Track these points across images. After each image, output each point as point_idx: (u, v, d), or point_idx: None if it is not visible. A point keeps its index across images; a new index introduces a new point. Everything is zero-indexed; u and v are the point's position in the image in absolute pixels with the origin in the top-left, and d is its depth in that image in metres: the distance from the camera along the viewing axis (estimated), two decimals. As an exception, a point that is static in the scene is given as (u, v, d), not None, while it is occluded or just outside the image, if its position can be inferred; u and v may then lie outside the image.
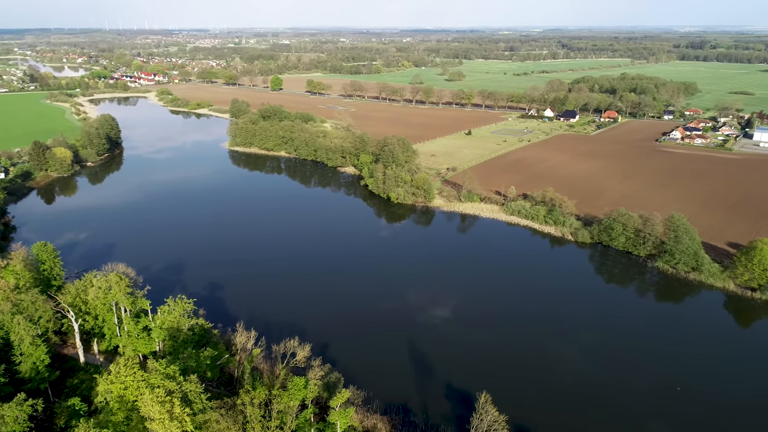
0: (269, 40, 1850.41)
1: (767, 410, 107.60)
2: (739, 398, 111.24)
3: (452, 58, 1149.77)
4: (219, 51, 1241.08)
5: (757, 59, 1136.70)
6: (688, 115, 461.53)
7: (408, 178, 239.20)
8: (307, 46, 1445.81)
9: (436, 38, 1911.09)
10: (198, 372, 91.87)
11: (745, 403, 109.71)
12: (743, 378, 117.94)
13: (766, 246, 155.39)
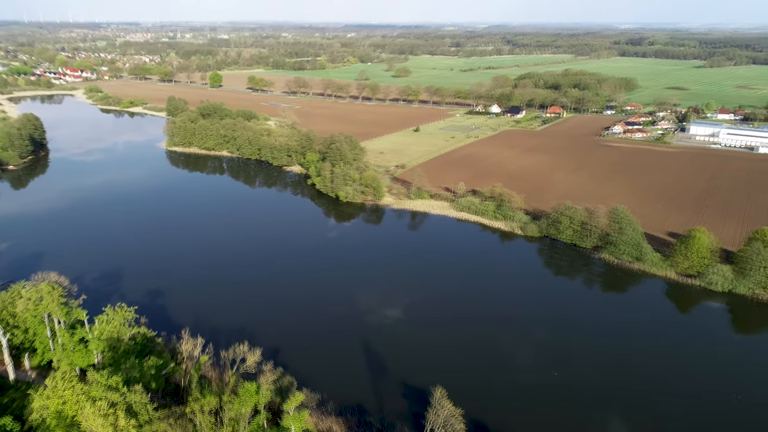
0: (207, 34, 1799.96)
1: (708, 389, 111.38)
2: (683, 379, 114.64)
3: (398, 54, 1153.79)
4: (152, 46, 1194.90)
5: (691, 56, 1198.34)
6: (629, 110, 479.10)
7: (356, 176, 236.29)
8: (247, 41, 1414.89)
9: (382, 33, 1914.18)
10: (142, 382, 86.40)
11: (689, 383, 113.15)
12: (686, 361, 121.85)
13: (703, 235, 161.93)
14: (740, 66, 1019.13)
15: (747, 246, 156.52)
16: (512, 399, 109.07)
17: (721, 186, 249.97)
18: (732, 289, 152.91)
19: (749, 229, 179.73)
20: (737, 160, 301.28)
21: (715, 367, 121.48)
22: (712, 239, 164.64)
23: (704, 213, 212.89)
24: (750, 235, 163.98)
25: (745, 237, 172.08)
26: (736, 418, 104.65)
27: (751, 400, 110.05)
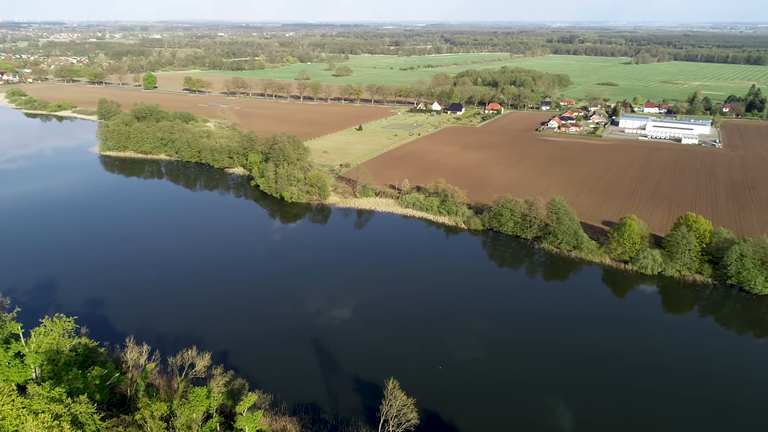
0: (137, 34, 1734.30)
1: (645, 367, 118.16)
2: (619, 361, 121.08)
3: (338, 53, 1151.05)
4: (79, 46, 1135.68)
5: (619, 53, 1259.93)
6: (563, 105, 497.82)
7: (301, 176, 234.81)
8: (181, 41, 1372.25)
9: (321, 33, 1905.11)
10: (86, 394, 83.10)
11: (625, 364, 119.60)
12: (623, 341, 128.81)
13: (634, 222, 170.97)
14: (663, 62, 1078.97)
15: (674, 231, 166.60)
16: (460, 388, 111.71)
17: (650, 175, 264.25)
18: (662, 271, 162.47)
19: (676, 215, 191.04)
20: (664, 151, 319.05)
21: (649, 346, 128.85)
22: (642, 226, 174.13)
23: (635, 201, 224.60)
24: (676, 221, 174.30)
25: (672, 222, 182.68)
26: (668, 390, 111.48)
27: (678, 373, 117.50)
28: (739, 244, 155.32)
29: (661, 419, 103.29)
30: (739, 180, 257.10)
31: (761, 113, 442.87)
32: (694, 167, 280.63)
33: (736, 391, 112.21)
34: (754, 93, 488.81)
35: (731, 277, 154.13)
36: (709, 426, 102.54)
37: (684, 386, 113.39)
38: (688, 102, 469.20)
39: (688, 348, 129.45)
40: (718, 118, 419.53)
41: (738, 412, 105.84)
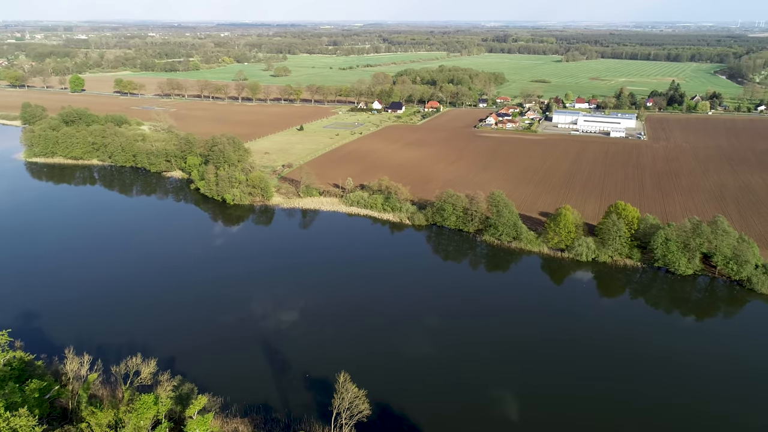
0: (61, 35, 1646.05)
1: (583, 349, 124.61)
2: (561, 344, 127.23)
3: (276, 53, 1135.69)
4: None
5: (551, 51, 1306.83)
6: (500, 102, 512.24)
7: (243, 177, 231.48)
8: (109, 41, 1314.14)
9: (257, 32, 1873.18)
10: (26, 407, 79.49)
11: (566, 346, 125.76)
12: (561, 327, 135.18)
13: (569, 212, 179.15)
14: (592, 60, 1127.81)
15: (605, 219, 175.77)
16: (410, 381, 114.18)
17: (582, 168, 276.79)
18: (595, 257, 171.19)
19: (607, 204, 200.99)
20: (594, 144, 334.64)
21: (585, 327, 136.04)
22: (576, 215, 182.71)
23: (569, 192, 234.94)
24: (607, 209, 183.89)
25: (603, 211, 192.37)
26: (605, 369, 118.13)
27: (615, 352, 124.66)
28: (664, 229, 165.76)
29: (600, 394, 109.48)
30: (663, 169, 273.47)
31: (681, 107, 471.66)
32: (622, 159, 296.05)
33: (666, 364, 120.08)
34: (674, 88, 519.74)
35: (658, 260, 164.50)
36: (643, 395, 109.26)
37: (619, 364, 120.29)
38: (615, 97, 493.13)
39: (622, 328, 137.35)
40: (643, 112, 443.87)
41: (666, 381, 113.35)
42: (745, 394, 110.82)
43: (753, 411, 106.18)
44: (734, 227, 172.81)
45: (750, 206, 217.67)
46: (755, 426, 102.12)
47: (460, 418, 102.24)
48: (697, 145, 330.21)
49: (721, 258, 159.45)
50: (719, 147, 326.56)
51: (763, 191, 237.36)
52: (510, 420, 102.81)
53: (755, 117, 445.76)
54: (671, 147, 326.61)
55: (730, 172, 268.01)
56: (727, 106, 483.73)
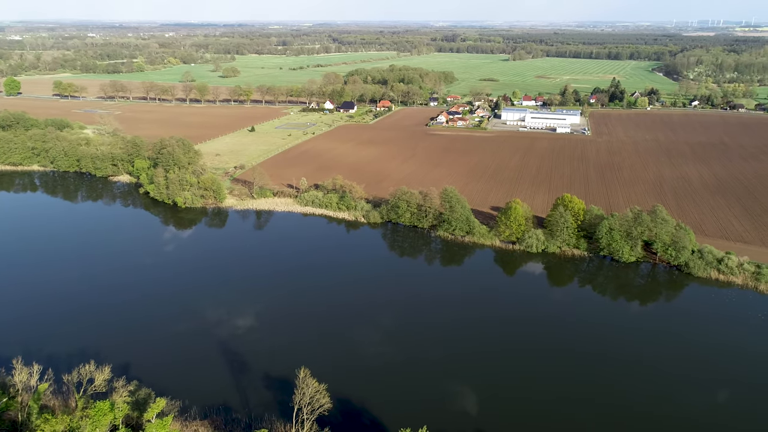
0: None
1: (537, 336, 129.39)
2: (516, 334, 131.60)
3: (224, 54, 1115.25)
4: None
5: (498, 50, 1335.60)
6: (450, 100, 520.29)
7: (194, 180, 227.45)
8: (46, 42, 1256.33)
9: (203, 33, 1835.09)
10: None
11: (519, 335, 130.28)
12: (516, 316, 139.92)
13: (518, 205, 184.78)
14: (537, 58, 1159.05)
15: (553, 211, 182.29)
16: (368, 373, 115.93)
17: (530, 163, 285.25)
18: (545, 249, 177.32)
19: (554, 197, 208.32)
20: (542, 140, 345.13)
21: (538, 316, 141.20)
22: (526, 209, 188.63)
23: (519, 187, 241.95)
24: (555, 202, 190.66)
25: (551, 204, 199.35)
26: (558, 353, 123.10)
27: (560, 336, 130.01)
28: (608, 219, 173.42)
29: (550, 375, 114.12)
30: (606, 163, 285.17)
31: (621, 103, 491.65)
32: (568, 153, 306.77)
33: (614, 347, 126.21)
34: (615, 85, 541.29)
35: (603, 249, 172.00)
36: (589, 376, 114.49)
37: (571, 348, 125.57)
38: (561, 94, 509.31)
39: (572, 316, 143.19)
40: (586, 109, 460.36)
41: (612, 363, 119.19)
42: (686, 370, 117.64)
43: (693, 384, 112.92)
44: (672, 216, 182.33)
45: (686, 196, 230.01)
46: (696, 398, 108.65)
47: (418, 408, 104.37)
48: (637, 139, 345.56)
49: (660, 245, 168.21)
50: (657, 141, 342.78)
51: (697, 181, 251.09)
52: (466, 408, 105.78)
53: (690, 111, 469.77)
54: (613, 141, 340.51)
55: (668, 164, 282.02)
56: (664, 102, 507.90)
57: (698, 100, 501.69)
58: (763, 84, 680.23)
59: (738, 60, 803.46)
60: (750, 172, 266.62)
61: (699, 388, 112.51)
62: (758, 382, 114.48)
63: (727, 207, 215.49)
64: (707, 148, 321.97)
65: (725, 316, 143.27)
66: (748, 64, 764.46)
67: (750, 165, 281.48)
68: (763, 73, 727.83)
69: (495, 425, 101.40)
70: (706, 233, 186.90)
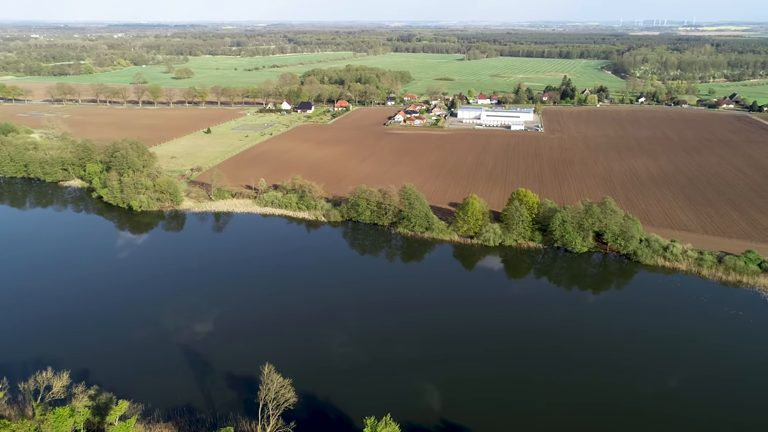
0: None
1: (496, 327, 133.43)
2: (474, 323, 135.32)
3: (176, 55, 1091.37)
4: None
5: (453, 50, 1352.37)
6: (407, 100, 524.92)
7: (149, 183, 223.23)
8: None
9: (154, 33, 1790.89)
10: None
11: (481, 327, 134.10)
12: (475, 310, 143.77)
13: (476, 201, 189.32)
14: (491, 58, 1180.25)
15: (509, 205, 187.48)
16: (332, 367, 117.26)
17: (486, 160, 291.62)
18: (502, 242, 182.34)
19: (510, 192, 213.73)
20: (497, 137, 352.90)
21: (497, 307, 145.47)
22: (483, 204, 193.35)
23: (476, 183, 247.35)
24: (510, 197, 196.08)
25: (507, 198, 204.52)
26: (517, 343, 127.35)
27: (520, 327, 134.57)
28: (561, 212, 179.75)
29: (511, 363, 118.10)
30: (559, 158, 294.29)
31: (573, 100, 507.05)
32: (523, 150, 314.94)
33: (569, 335, 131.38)
34: (566, 83, 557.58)
35: (557, 241, 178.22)
36: (547, 362, 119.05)
37: (530, 338, 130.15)
38: (514, 93, 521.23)
39: (530, 305, 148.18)
40: (539, 106, 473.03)
41: (568, 350, 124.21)
42: (638, 354, 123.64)
43: (643, 364, 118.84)
44: (621, 207, 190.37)
45: (634, 188, 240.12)
46: (650, 380, 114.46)
47: (382, 401, 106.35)
48: (588, 135, 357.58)
49: (610, 235, 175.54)
50: (607, 136, 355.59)
51: (644, 174, 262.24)
52: (429, 402, 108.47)
53: (636, 108, 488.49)
54: (565, 137, 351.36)
55: (617, 159, 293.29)
56: (613, 99, 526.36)
57: (644, 96, 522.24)
58: (704, 81, 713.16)
59: (681, 58, 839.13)
60: (693, 165, 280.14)
61: (651, 372, 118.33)
62: (706, 362, 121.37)
63: (672, 198, 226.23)
64: (653, 142, 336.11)
65: (672, 301, 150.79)
66: (690, 62, 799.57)
67: (693, 158, 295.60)
68: (703, 71, 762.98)
69: (457, 416, 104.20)
70: (652, 223, 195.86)
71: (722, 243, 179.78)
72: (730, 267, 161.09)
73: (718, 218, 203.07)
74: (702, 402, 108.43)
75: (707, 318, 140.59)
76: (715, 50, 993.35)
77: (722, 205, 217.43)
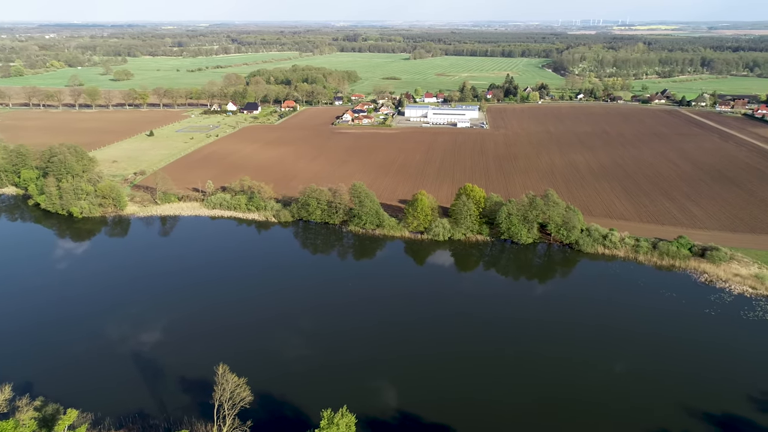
0: None
1: (445, 319, 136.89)
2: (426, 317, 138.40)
3: (114, 56, 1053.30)
4: None
5: (399, 49, 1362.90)
6: (354, 99, 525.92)
7: (90, 188, 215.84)
8: None
9: (89, 34, 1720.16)
10: None
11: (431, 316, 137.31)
12: (425, 302, 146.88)
13: (425, 197, 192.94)
14: (437, 57, 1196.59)
15: (456, 200, 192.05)
16: (287, 366, 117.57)
17: (434, 157, 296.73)
18: (451, 236, 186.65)
19: (458, 188, 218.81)
20: (444, 135, 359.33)
21: (448, 299, 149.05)
22: (432, 200, 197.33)
23: (424, 179, 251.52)
24: (457, 192, 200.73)
25: (455, 194, 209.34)
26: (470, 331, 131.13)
27: (471, 317, 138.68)
28: (506, 205, 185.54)
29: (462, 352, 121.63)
30: (504, 154, 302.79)
31: (515, 98, 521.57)
32: (469, 146, 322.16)
33: (519, 324, 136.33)
34: (509, 81, 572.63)
35: (504, 233, 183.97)
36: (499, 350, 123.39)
37: (479, 327, 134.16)
38: (460, 91, 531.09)
39: (480, 295, 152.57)
40: (484, 104, 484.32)
41: (516, 336, 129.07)
42: (584, 337, 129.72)
43: (588, 346, 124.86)
44: (563, 199, 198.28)
45: (574, 180, 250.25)
46: (595, 361, 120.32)
47: (337, 397, 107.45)
48: (531, 131, 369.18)
49: (553, 226, 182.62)
50: (549, 132, 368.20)
51: (584, 167, 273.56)
52: (384, 395, 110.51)
53: (576, 104, 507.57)
54: (510, 134, 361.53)
55: (558, 153, 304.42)
56: (553, 96, 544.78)
57: (583, 93, 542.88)
58: (638, 77, 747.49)
59: (616, 56, 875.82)
60: (629, 157, 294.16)
61: (596, 353, 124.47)
62: (645, 341, 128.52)
63: (610, 189, 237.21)
64: (592, 136, 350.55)
65: (612, 286, 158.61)
66: (625, 59, 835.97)
67: (628, 151, 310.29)
68: (637, 68, 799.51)
69: (412, 408, 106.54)
70: (592, 213, 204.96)
71: (656, 230, 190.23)
72: (664, 252, 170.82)
73: (653, 207, 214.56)
74: (643, 375, 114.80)
75: (645, 300, 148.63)
76: (647, 48, 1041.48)
77: (656, 194, 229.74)
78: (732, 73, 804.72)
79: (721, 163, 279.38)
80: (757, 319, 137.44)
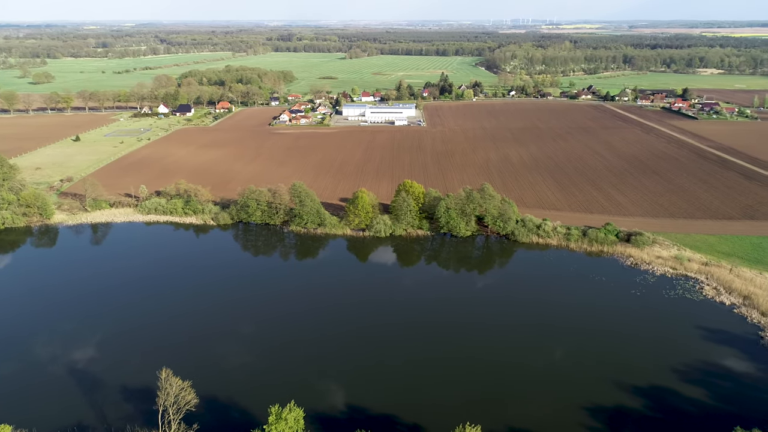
0: None
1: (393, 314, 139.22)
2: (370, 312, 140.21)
3: (32, 58, 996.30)
4: None
5: (334, 49, 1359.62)
6: (291, 99, 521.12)
7: (12, 197, 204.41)
8: None
9: (2, 34, 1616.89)
10: None
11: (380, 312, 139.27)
12: (369, 297, 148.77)
13: (365, 194, 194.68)
14: (373, 56, 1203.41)
15: (396, 197, 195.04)
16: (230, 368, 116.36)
17: (373, 155, 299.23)
18: (392, 232, 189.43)
19: (397, 185, 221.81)
20: (382, 133, 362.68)
21: (392, 294, 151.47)
22: (372, 197, 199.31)
23: (364, 177, 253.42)
24: (397, 188, 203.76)
25: (394, 191, 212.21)
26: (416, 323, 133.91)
27: (415, 310, 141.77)
28: (445, 200, 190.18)
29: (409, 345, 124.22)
30: (441, 150, 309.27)
31: (451, 95, 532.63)
32: (407, 144, 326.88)
33: (462, 312, 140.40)
34: (444, 79, 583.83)
35: (443, 227, 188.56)
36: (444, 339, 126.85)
37: (423, 319, 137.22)
38: (396, 90, 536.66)
39: (422, 289, 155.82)
40: (420, 102, 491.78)
41: (460, 326, 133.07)
42: (524, 323, 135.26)
43: (528, 331, 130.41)
44: (498, 192, 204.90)
45: (509, 174, 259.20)
46: (536, 343, 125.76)
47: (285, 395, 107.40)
48: (467, 128, 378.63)
49: (490, 218, 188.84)
50: (483, 128, 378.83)
51: (518, 161, 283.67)
52: (332, 391, 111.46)
53: (509, 101, 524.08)
54: (446, 131, 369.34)
55: (493, 148, 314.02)
56: (487, 93, 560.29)
57: (515, 90, 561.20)
58: (566, 74, 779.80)
59: (545, 54, 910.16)
60: (559, 151, 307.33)
61: (536, 336, 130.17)
62: (579, 322, 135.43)
63: (542, 181, 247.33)
64: (524, 132, 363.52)
65: (547, 273, 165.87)
66: (553, 57, 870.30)
67: (559, 144, 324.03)
68: (564, 65, 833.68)
69: (360, 402, 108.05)
70: (526, 204, 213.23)
71: (586, 218, 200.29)
72: (593, 239, 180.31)
73: (582, 197, 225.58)
74: (577, 355, 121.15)
75: (577, 285, 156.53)
76: (573, 46, 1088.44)
77: (584, 185, 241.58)
78: (651, 69, 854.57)
79: (643, 154, 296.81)
80: (678, 297, 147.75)
